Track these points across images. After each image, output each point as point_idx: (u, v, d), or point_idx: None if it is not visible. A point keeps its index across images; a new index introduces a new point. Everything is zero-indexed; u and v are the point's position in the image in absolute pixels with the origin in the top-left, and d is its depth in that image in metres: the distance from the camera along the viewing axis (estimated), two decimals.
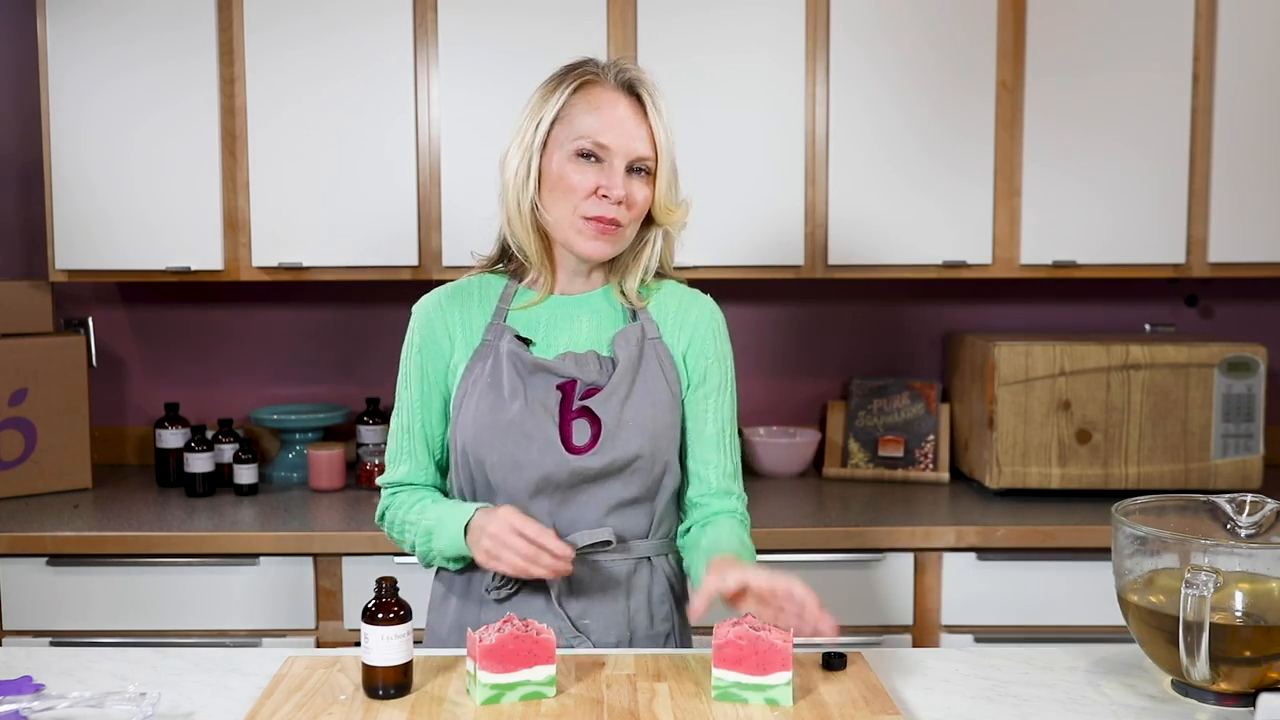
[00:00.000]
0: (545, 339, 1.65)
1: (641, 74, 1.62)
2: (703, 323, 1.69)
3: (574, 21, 2.63)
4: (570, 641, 1.60)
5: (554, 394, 1.60)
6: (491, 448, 1.59)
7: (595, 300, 1.68)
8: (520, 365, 1.60)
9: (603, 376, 1.61)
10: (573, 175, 1.59)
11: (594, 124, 1.58)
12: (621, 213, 1.59)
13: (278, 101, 2.66)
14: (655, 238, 1.67)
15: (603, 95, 1.59)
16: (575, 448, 1.59)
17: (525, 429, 1.58)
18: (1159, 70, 2.68)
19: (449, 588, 1.69)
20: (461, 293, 1.70)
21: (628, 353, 1.62)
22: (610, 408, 1.59)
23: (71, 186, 2.68)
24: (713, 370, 1.68)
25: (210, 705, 1.43)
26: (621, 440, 1.59)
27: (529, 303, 1.67)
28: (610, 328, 1.66)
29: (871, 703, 1.40)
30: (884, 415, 2.95)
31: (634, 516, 1.63)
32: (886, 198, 2.70)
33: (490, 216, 1.76)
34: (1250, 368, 2.63)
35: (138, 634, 2.47)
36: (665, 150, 1.60)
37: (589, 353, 1.63)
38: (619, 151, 1.58)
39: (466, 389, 1.63)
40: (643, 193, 1.60)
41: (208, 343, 3.09)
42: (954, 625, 2.50)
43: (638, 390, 1.61)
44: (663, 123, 1.60)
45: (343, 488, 2.82)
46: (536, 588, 1.61)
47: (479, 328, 1.66)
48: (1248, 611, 1.43)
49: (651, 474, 1.62)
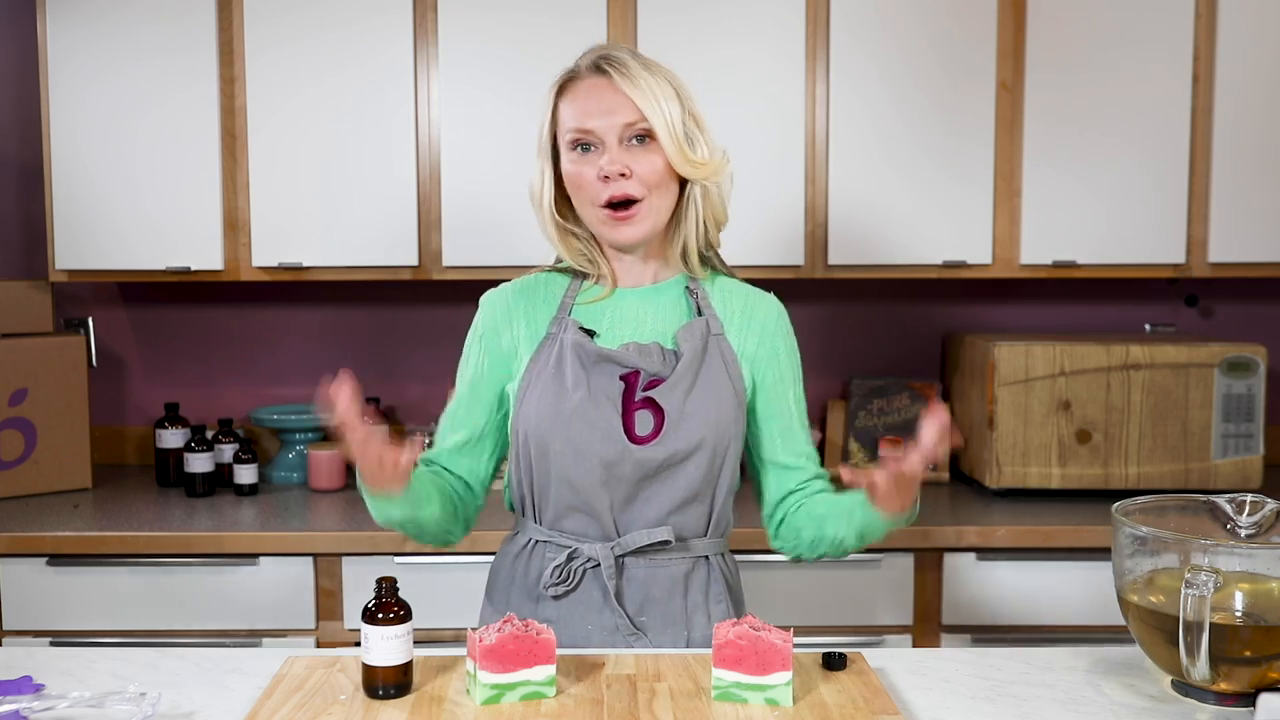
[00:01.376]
0: (609, 331, 1.65)
1: (610, 50, 1.61)
2: (770, 321, 1.70)
3: (574, 21, 2.63)
4: (627, 640, 1.61)
5: (617, 384, 1.60)
6: (554, 436, 1.59)
7: (660, 293, 1.68)
8: (584, 355, 1.60)
9: (666, 368, 1.61)
10: (576, 170, 1.60)
11: (574, 114, 1.60)
12: (631, 186, 1.58)
13: (278, 101, 2.66)
14: (693, 196, 1.64)
15: (578, 86, 1.61)
16: (638, 438, 1.59)
17: (588, 418, 1.58)
18: (1159, 70, 2.68)
19: (505, 587, 1.69)
20: (529, 288, 1.71)
21: (692, 346, 1.62)
22: (674, 398, 1.59)
23: (71, 186, 2.68)
24: (786, 366, 1.69)
25: (210, 705, 1.43)
26: (684, 431, 1.59)
27: (595, 298, 1.67)
28: (674, 322, 1.66)
29: (871, 703, 1.39)
30: (884, 415, 2.95)
31: (693, 515, 1.63)
32: (886, 197, 2.70)
33: (490, 217, 1.77)
34: (1250, 368, 2.63)
35: (138, 634, 2.47)
36: (656, 109, 1.57)
37: (652, 344, 1.63)
38: (604, 130, 1.58)
39: (530, 380, 1.62)
40: (647, 160, 1.58)
41: (208, 343, 3.09)
42: (954, 625, 2.50)
43: (701, 382, 1.61)
44: (643, 84, 1.57)
45: (343, 488, 2.82)
46: (593, 586, 1.62)
47: (544, 322, 1.66)
48: (1248, 611, 1.43)
49: (712, 468, 1.62)
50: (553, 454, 1.60)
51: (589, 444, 1.58)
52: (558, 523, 1.63)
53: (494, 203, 2.66)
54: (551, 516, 1.64)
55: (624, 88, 1.57)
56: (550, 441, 1.59)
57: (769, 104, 2.67)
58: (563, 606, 1.63)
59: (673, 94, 1.60)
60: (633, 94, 1.57)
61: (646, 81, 1.58)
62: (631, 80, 1.57)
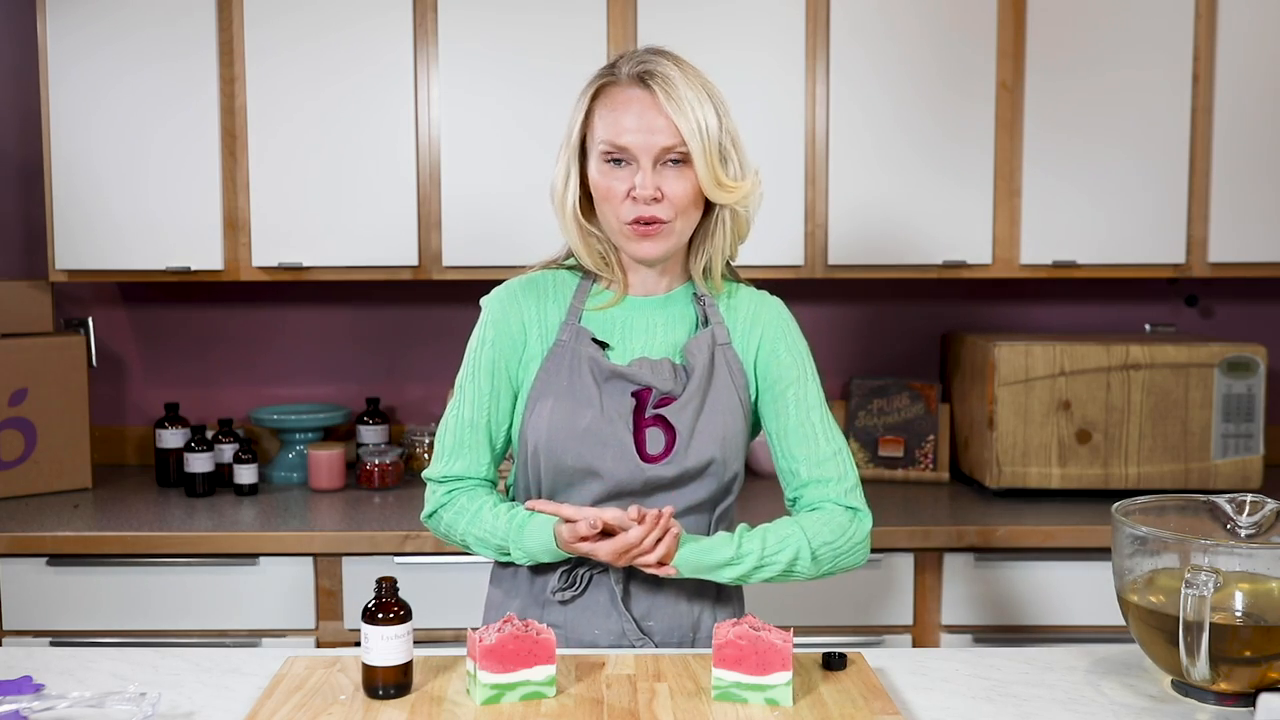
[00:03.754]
0: (620, 342, 1.64)
1: (656, 63, 1.56)
2: (771, 324, 1.69)
3: (574, 21, 2.63)
4: (634, 642, 1.61)
5: (629, 401, 1.60)
6: (566, 452, 1.58)
7: (669, 303, 1.67)
8: (597, 371, 1.59)
9: (677, 385, 1.60)
10: (606, 183, 1.57)
11: (612, 127, 1.56)
12: (661, 209, 1.56)
13: (278, 101, 2.66)
14: (722, 218, 1.64)
15: (618, 95, 1.57)
16: (649, 456, 1.59)
17: (601, 436, 1.57)
18: (1159, 70, 2.68)
19: (509, 593, 1.68)
20: (535, 286, 1.68)
21: (701, 361, 1.61)
22: (685, 418, 1.59)
23: (71, 186, 2.68)
24: (786, 366, 1.67)
25: (210, 705, 1.43)
26: (695, 450, 1.59)
27: (604, 304, 1.65)
28: (683, 333, 1.65)
29: (871, 703, 1.40)
30: (884, 415, 2.95)
31: (697, 520, 1.64)
32: (886, 197, 2.70)
33: (490, 216, 1.76)
34: (1250, 368, 2.63)
35: (138, 634, 2.47)
36: (696, 133, 1.53)
37: (663, 360, 1.62)
38: (640, 150, 1.55)
39: (541, 390, 1.61)
40: (679, 183, 1.56)
41: (208, 343, 3.09)
42: (954, 625, 2.50)
43: (710, 401, 1.61)
44: (686, 107, 1.53)
45: (343, 488, 2.82)
46: (600, 591, 1.62)
47: (554, 324, 1.65)
48: (1248, 611, 1.43)
49: (721, 481, 1.63)
50: (563, 468, 1.59)
51: (601, 461, 1.58)
52: None
53: (494, 203, 2.66)
54: None
55: (668, 109, 1.53)
56: (562, 457, 1.59)
57: (769, 104, 2.67)
58: (570, 612, 1.63)
59: (712, 111, 1.56)
60: (675, 117, 1.53)
61: (690, 102, 1.54)
62: (676, 103, 1.53)
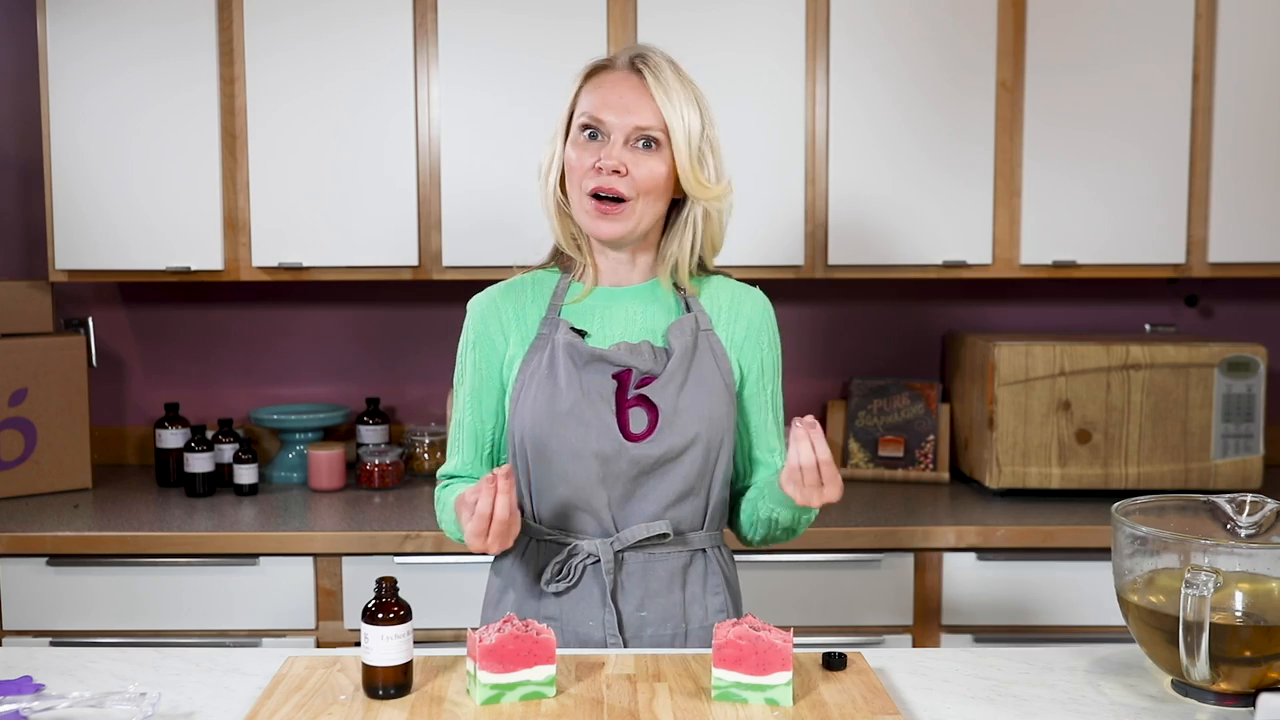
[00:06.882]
0: (599, 330, 1.66)
1: (650, 52, 1.63)
2: (756, 316, 1.72)
3: (574, 21, 2.63)
4: (626, 640, 1.62)
5: (609, 382, 1.62)
6: (550, 435, 1.60)
7: (645, 292, 1.69)
8: (576, 355, 1.62)
9: (658, 365, 1.62)
10: (575, 154, 1.61)
11: (594, 101, 1.61)
12: (622, 183, 1.58)
13: (278, 101, 2.66)
14: (693, 216, 1.66)
15: (608, 76, 1.63)
16: (633, 435, 1.61)
17: (583, 417, 1.59)
18: (1159, 69, 2.68)
19: (509, 582, 1.70)
20: (515, 289, 1.72)
21: (682, 342, 1.64)
22: (667, 395, 1.61)
23: (71, 186, 2.68)
24: (768, 361, 1.72)
25: (210, 705, 1.43)
26: (678, 427, 1.61)
27: (580, 296, 1.68)
28: (663, 319, 1.67)
29: (871, 703, 1.40)
30: (884, 415, 2.95)
31: (689, 509, 1.65)
32: (887, 197, 2.70)
33: (490, 216, 1.77)
34: (1250, 368, 2.63)
35: (138, 634, 2.47)
36: (679, 122, 1.59)
37: (643, 343, 1.64)
38: (616, 125, 1.59)
39: (524, 381, 1.64)
40: (647, 164, 1.59)
41: (208, 343, 3.09)
42: (954, 625, 2.50)
43: (693, 378, 1.63)
44: (674, 96, 1.59)
45: (343, 488, 2.82)
46: (593, 582, 1.63)
47: (533, 322, 1.68)
48: (1248, 611, 1.43)
49: (706, 462, 1.64)
50: (549, 454, 1.61)
51: (585, 442, 1.59)
52: (556, 520, 1.64)
53: (494, 203, 2.66)
54: (550, 514, 1.65)
55: (654, 91, 1.59)
56: (546, 441, 1.61)
57: (769, 104, 2.67)
58: (564, 603, 1.64)
59: (697, 113, 1.61)
60: (661, 103, 1.58)
61: (677, 93, 1.59)
62: (664, 87, 1.59)
